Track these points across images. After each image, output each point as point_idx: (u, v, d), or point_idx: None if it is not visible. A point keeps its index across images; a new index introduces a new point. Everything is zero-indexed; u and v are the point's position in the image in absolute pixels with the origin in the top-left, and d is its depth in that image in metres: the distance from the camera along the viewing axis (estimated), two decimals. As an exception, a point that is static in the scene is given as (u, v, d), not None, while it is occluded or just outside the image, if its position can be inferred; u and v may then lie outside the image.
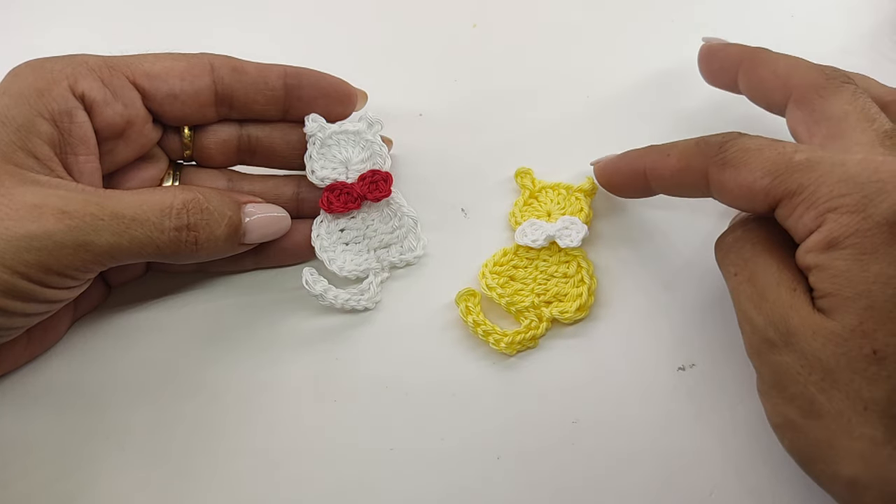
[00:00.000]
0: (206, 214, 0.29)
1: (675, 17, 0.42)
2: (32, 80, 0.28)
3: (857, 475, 0.23)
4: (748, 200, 0.26)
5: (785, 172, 0.25)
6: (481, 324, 0.31)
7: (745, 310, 0.26)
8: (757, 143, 0.26)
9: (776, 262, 0.26)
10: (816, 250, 0.24)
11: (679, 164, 0.28)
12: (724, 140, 0.27)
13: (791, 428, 0.24)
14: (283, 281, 0.34)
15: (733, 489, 0.28)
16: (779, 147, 0.26)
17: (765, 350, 0.25)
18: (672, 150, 0.29)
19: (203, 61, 0.31)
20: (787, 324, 0.24)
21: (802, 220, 0.25)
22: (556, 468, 0.29)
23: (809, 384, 0.24)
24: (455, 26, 0.43)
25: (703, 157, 0.27)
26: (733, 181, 0.26)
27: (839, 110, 0.27)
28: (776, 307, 0.25)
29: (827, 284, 0.24)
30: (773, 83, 0.30)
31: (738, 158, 0.26)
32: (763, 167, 0.26)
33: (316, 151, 0.33)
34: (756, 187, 0.26)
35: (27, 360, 0.32)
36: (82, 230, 0.26)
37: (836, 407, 0.23)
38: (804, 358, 0.24)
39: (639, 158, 0.31)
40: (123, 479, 0.29)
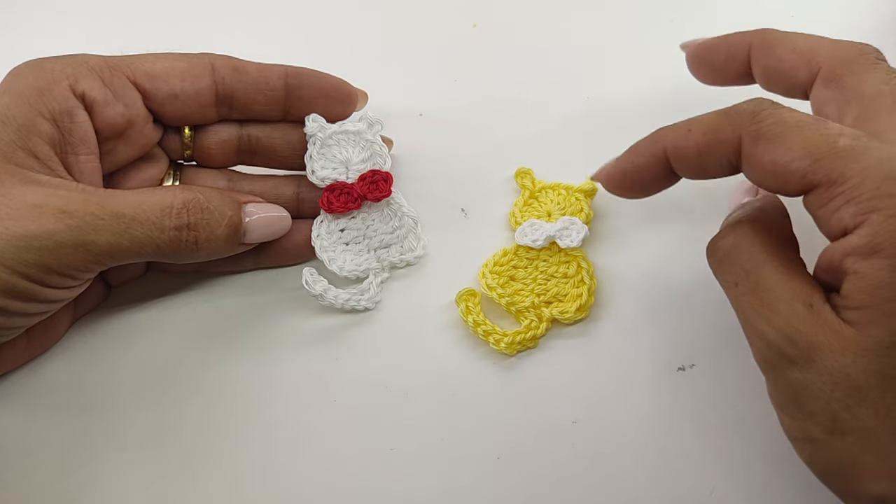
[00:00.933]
0: (207, 214, 0.29)
1: (675, 17, 0.42)
2: (33, 79, 0.28)
3: (885, 494, 0.22)
4: (779, 180, 0.24)
5: (826, 157, 0.23)
6: (481, 324, 0.31)
7: (753, 323, 0.24)
8: (795, 117, 0.24)
9: (783, 271, 0.24)
10: (856, 255, 0.22)
11: (705, 138, 0.25)
12: (758, 109, 0.24)
13: (811, 443, 0.23)
14: (283, 281, 0.34)
15: (733, 489, 0.28)
16: (820, 127, 0.23)
17: (781, 365, 0.23)
18: (692, 124, 0.26)
19: (204, 61, 0.31)
20: (808, 339, 0.22)
21: (839, 215, 0.23)
22: (556, 468, 0.29)
23: (833, 401, 0.22)
24: (455, 26, 0.43)
25: (734, 127, 0.25)
26: (767, 157, 0.24)
27: (873, 89, 0.25)
28: (792, 322, 0.23)
29: (864, 296, 0.22)
30: (796, 62, 0.28)
31: (773, 132, 0.24)
32: (802, 147, 0.23)
33: (316, 151, 0.33)
34: (791, 168, 0.23)
35: (27, 360, 0.32)
36: (82, 230, 0.26)
37: (863, 424, 0.22)
38: (828, 374, 0.22)
39: (654, 144, 0.27)
40: (123, 479, 0.29)
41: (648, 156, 0.28)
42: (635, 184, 0.29)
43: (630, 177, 0.29)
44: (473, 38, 0.42)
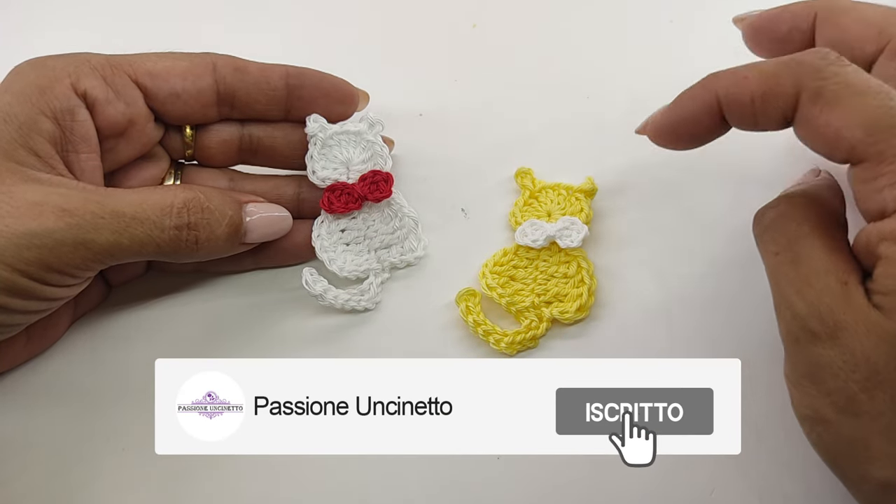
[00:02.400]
0: (207, 213, 0.29)
1: (675, 18, 0.42)
2: (34, 78, 0.28)
3: (890, 479, 0.22)
4: (829, 145, 0.23)
5: (884, 131, 0.22)
6: (481, 324, 0.31)
7: (785, 294, 0.24)
8: (861, 80, 0.23)
9: (825, 247, 0.23)
10: (892, 240, 0.22)
11: (764, 87, 0.24)
12: (823, 64, 0.23)
13: (822, 422, 0.23)
14: (283, 281, 0.34)
15: (733, 489, 0.28)
16: (885, 98, 0.22)
17: (804, 339, 0.23)
18: (749, 70, 0.25)
19: (205, 61, 0.31)
20: (836, 317, 0.22)
21: (881, 195, 0.22)
22: (557, 468, 0.29)
23: (851, 381, 0.22)
24: (455, 26, 0.43)
25: (797, 78, 0.23)
26: (823, 118, 0.23)
27: None
28: (823, 297, 0.23)
29: (893, 282, 0.22)
30: (864, 33, 0.27)
31: (835, 94, 0.23)
32: (861, 116, 0.22)
33: (317, 152, 0.33)
34: (844, 135, 0.22)
35: (27, 359, 0.32)
36: (83, 228, 0.26)
37: (877, 407, 0.22)
38: (850, 354, 0.22)
39: (705, 91, 0.26)
40: (123, 479, 0.29)
41: (700, 103, 0.26)
42: (686, 134, 0.28)
43: (680, 126, 0.28)
44: (473, 38, 0.42)
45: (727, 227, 0.28)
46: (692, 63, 0.36)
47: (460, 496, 0.29)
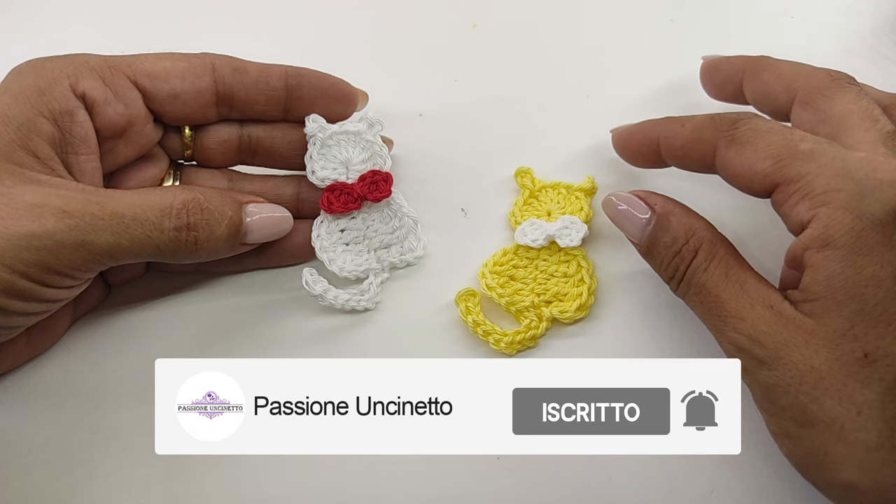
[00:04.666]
0: (207, 214, 0.29)
1: (675, 17, 0.42)
2: (34, 79, 0.28)
3: (853, 481, 0.23)
4: (746, 180, 0.26)
5: (787, 158, 0.25)
6: (481, 324, 0.31)
7: (724, 333, 0.26)
8: (768, 125, 0.27)
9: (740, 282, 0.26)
10: (813, 248, 0.24)
11: (691, 136, 0.29)
12: (738, 118, 0.27)
13: (787, 436, 0.25)
14: (283, 281, 0.34)
15: (733, 489, 0.28)
16: (787, 133, 0.26)
17: (752, 367, 0.25)
18: (688, 121, 0.29)
19: (204, 61, 0.31)
20: (774, 339, 0.24)
21: (796, 210, 0.25)
22: (557, 468, 0.29)
23: (801, 394, 0.23)
24: (455, 26, 0.43)
25: (715, 130, 0.28)
26: (737, 159, 0.26)
27: (843, 109, 0.27)
28: (758, 325, 0.25)
29: (820, 287, 0.24)
30: (778, 86, 0.30)
31: (745, 137, 0.26)
32: (767, 150, 0.26)
33: (316, 152, 0.33)
34: (756, 168, 0.26)
35: (27, 360, 0.32)
36: (82, 229, 0.26)
37: (828, 414, 0.23)
38: (795, 369, 0.24)
39: (655, 127, 0.31)
40: (123, 479, 0.29)
41: (644, 138, 0.31)
42: (631, 155, 0.33)
43: (629, 146, 0.33)
44: (473, 38, 0.42)
45: (727, 228, 0.28)
46: (692, 63, 0.36)
47: (460, 496, 0.29)
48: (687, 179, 0.32)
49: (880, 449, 0.22)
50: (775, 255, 0.29)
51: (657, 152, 0.31)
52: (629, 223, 0.30)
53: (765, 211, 0.28)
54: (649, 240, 0.29)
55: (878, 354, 0.23)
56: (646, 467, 0.29)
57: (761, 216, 0.33)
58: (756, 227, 0.33)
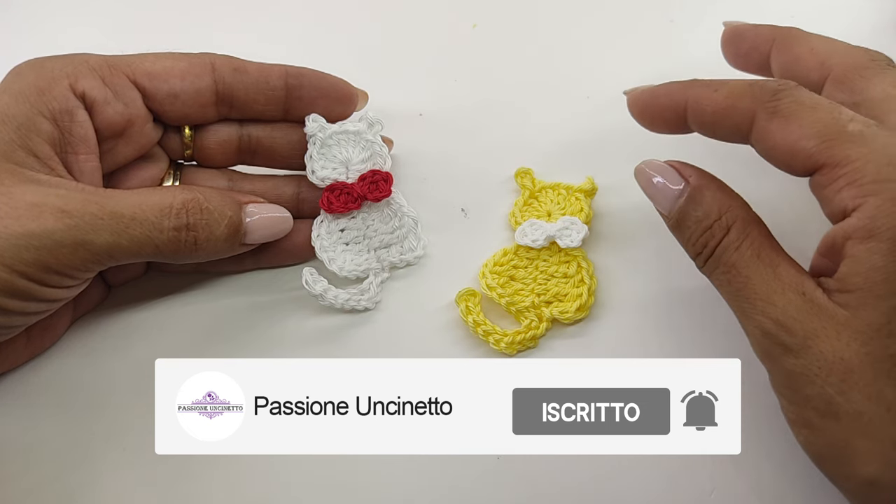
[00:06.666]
0: (206, 214, 0.29)
1: (675, 17, 0.42)
2: (33, 78, 0.28)
3: (875, 476, 0.22)
4: (787, 157, 0.25)
5: (835, 139, 0.24)
6: (481, 324, 0.31)
7: (751, 316, 0.25)
8: (813, 99, 0.25)
9: (772, 264, 0.25)
10: (855, 238, 0.23)
11: (726, 102, 0.26)
12: (780, 88, 0.26)
13: (807, 426, 0.24)
14: (283, 281, 0.34)
15: (733, 489, 0.28)
16: (834, 111, 0.24)
17: (778, 354, 0.24)
18: (721, 86, 0.27)
19: (204, 61, 0.31)
20: (804, 326, 0.23)
21: (840, 195, 0.23)
22: (557, 468, 0.29)
23: (827, 385, 0.23)
24: (455, 26, 0.43)
25: (754, 99, 0.26)
26: (779, 133, 0.25)
27: (882, 92, 0.26)
28: (788, 310, 0.24)
29: (860, 279, 0.23)
30: (811, 61, 0.29)
31: (789, 110, 0.25)
32: (813, 127, 0.24)
33: (316, 151, 0.33)
34: (800, 146, 0.24)
35: (27, 359, 0.32)
36: (81, 229, 0.26)
37: (855, 408, 0.22)
38: (823, 359, 0.23)
39: (682, 90, 0.28)
40: (123, 479, 0.29)
41: (672, 99, 0.29)
42: (650, 118, 0.30)
43: (649, 109, 0.30)
44: (473, 38, 0.42)
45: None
46: (692, 63, 0.36)
47: (460, 496, 0.29)
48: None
49: None
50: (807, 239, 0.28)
51: (682, 117, 0.28)
52: (660, 194, 0.28)
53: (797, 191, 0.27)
54: (680, 212, 0.27)
55: None
56: (646, 467, 0.29)
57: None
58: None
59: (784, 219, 0.30)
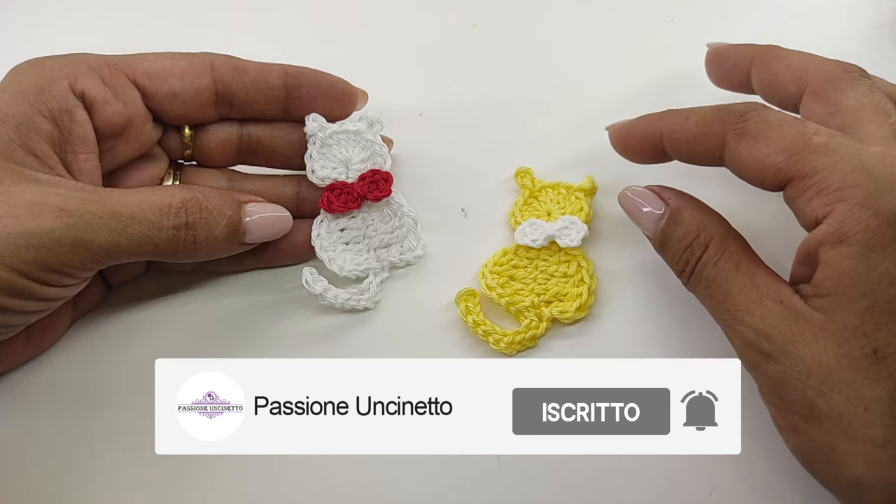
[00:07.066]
0: (206, 213, 0.29)
1: (675, 17, 0.42)
2: (33, 78, 0.28)
3: (860, 477, 0.23)
4: (758, 174, 0.26)
5: (801, 153, 0.25)
6: (481, 324, 0.31)
7: (731, 326, 0.26)
8: (778, 117, 0.26)
9: (750, 275, 0.26)
10: (827, 244, 0.24)
11: (697, 129, 0.28)
12: (746, 109, 0.27)
13: (794, 431, 0.24)
14: (283, 281, 0.34)
15: (733, 489, 0.28)
16: (799, 125, 0.26)
17: (759, 361, 0.25)
18: (691, 114, 0.28)
19: (203, 60, 0.31)
20: (783, 333, 0.24)
21: (811, 205, 0.24)
22: (557, 468, 0.29)
23: (808, 389, 0.23)
24: (455, 26, 0.43)
25: (723, 123, 0.27)
26: (748, 152, 0.26)
27: (854, 102, 0.27)
28: (767, 319, 0.25)
29: (832, 283, 0.24)
30: (788, 76, 0.30)
31: (756, 130, 0.26)
32: (780, 143, 0.25)
33: (316, 151, 0.33)
34: (769, 162, 0.25)
35: (27, 359, 0.32)
36: (80, 228, 0.26)
37: (835, 410, 0.23)
38: (803, 363, 0.24)
39: (656, 121, 0.30)
40: (123, 478, 0.29)
41: (646, 132, 0.30)
42: (629, 152, 0.32)
43: (629, 142, 0.31)
44: (473, 38, 0.42)
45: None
46: (692, 63, 0.36)
47: (460, 496, 0.29)
48: (690, 177, 0.32)
49: (888, 445, 0.22)
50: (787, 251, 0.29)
51: (660, 147, 0.30)
52: (644, 217, 0.30)
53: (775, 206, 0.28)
54: (662, 233, 0.29)
55: (888, 351, 0.23)
56: (646, 467, 0.29)
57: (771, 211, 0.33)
58: (766, 223, 0.33)
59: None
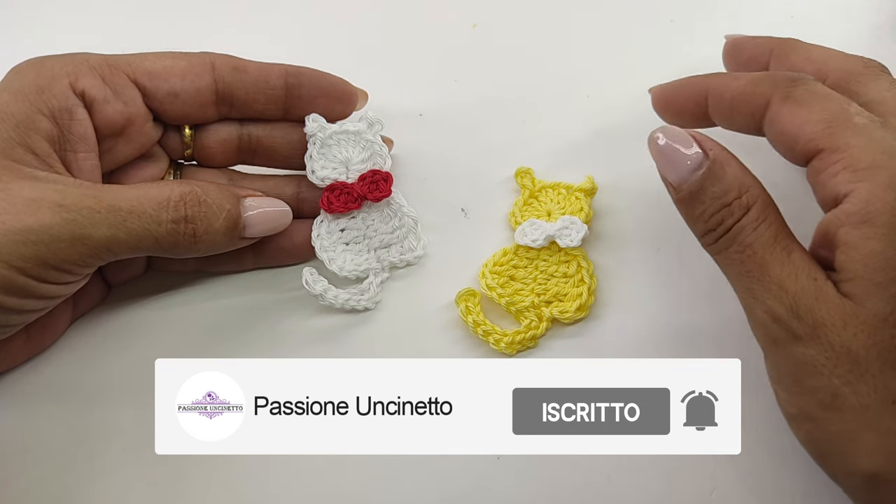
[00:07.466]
0: (205, 207, 0.29)
1: (675, 17, 0.42)
2: (33, 77, 0.28)
3: (878, 470, 0.22)
4: (791, 140, 0.26)
5: (839, 127, 0.24)
6: (481, 324, 0.31)
7: (761, 299, 0.24)
8: (827, 91, 0.26)
9: (787, 249, 0.25)
10: (849, 225, 0.23)
11: (745, 88, 0.27)
12: (800, 77, 0.27)
13: (808, 419, 0.24)
14: (283, 281, 0.34)
15: (733, 489, 0.28)
16: (844, 103, 0.25)
17: (785, 340, 0.24)
18: (741, 74, 0.29)
19: (204, 60, 0.31)
20: (814, 315, 0.23)
21: (835, 180, 0.24)
22: (557, 468, 0.29)
23: (834, 376, 0.23)
24: (455, 26, 0.43)
25: (773, 84, 0.27)
26: (788, 116, 0.26)
27: (878, 95, 0.27)
28: (801, 297, 0.23)
29: (858, 266, 0.23)
30: (808, 69, 0.29)
31: (802, 97, 0.26)
32: (821, 114, 0.25)
33: (316, 151, 0.33)
34: (805, 129, 0.25)
35: (26, 358, 0.32)
36: (79, 223, 0.26)
37: (861, 401, 0.22)
38: (832, 349, 0.23)
39: (703, 81, 0.30)
40: (122, 478, 0.29)
41: (692, 92, 0.30)
42: (673, 111, 0.31)
43: (672, 103, 0.31)
44: (473, 38, 0.42)
45: None
46: (692, 63, 0.36)
47: (460, 496, 0.29)
48: None
49: None
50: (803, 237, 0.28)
51: (703, 108, 0.29)
52: (673, 165, 0.27)
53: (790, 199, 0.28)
54: (695, 185, 0.26)
55: None
56: (646, 467, 0.29)
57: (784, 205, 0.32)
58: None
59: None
